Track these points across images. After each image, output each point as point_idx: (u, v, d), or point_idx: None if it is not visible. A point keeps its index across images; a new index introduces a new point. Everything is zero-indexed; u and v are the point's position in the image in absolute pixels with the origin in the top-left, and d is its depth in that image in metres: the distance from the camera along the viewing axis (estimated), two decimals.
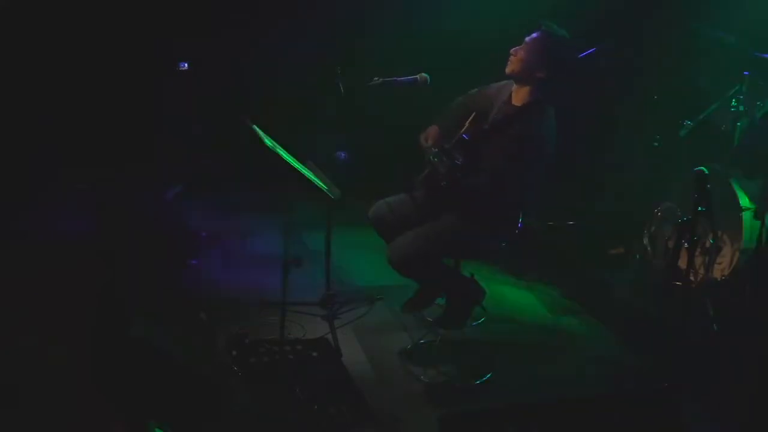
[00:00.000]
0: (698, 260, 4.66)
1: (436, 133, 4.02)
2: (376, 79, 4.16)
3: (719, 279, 4.75)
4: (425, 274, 3.95)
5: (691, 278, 4.49)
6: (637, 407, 2.19)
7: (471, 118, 3.93)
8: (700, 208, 3.68)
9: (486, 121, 3.92)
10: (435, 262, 3.93)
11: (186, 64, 6.28)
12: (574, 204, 6.03)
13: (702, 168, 3.68)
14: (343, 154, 6.16)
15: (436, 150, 3.75)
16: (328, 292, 4.47)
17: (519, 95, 3.89)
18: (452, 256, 4.11)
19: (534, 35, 3.84)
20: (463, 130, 3.87)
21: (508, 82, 3.98)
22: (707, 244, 4.63)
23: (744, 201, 4.69)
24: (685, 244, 3.86)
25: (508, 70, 3.87)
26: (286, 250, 3.60)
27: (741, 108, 4.70)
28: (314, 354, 4.06)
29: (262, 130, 3.61)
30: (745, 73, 4.70)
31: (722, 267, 4.80)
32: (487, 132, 3.84)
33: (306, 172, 3.67)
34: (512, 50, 3.86)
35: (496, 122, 3.86)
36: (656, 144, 5.50)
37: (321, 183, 3.74)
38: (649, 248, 5.07)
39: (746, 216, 4.65)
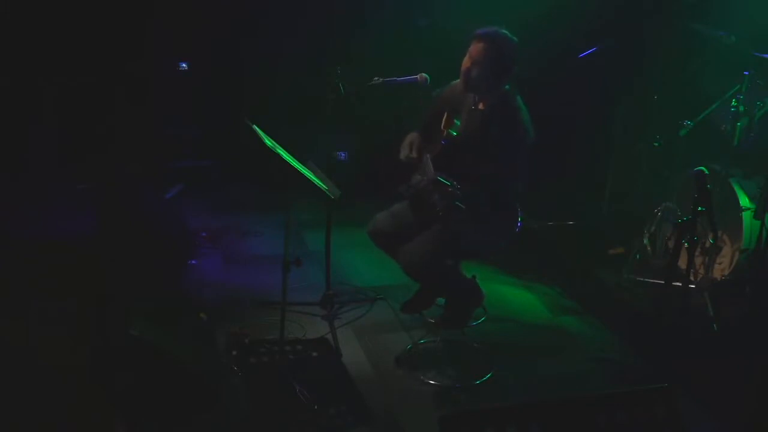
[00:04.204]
0: (698, 260, 4.66)
1: (418, 139, 4.02)
2: (376, 79, 4.16)
3: (719, 279, 4.76)
4: (436, 277, 3.96)
5: (691, 278, 4.49)
6: (637, 407, 2.18)
7: (445, 117, 3.95)
8: (700, 208, 3.69)
9: (458, 118, 3.95)
10: (445, 265, 3.95)
11: (186, 64, 6.29)
12: (574, 204, 6.04)
13: (702, 168, 3.69)
14: (343, 154, 6.19)
15: (432, 178, 3.73)
16: (328, 292, 4.47)
17: (484, 99, 3.90)
18: (457, 258, 4.12)
19: (481, 50, 3.78)
20: (444, 134, 3.90)
21: None
22: (707, 244, 4.63)
23: (744, 201, 4.69)
24: (685, 244, 3.86)
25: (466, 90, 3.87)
26: (287, 249, 3.61)
27: (741, 108, 4.70)
28: (314, 354, 4.06)
29: (262, 130, 3.61)
30: (745, 73, 4.70)
31: (722, 267, 4.80)
32: (468, 141, 3.85)
33: (306, 172, 3.67)
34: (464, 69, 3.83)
35: (472, 130, 3.87)
36: (656, 144, 5.50)
37: (321, 183, 3.74)
38: (649, 248, 5.07)
39: (746, 216, 4.65)
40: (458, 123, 3.92)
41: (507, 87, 3.87)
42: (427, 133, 4.03)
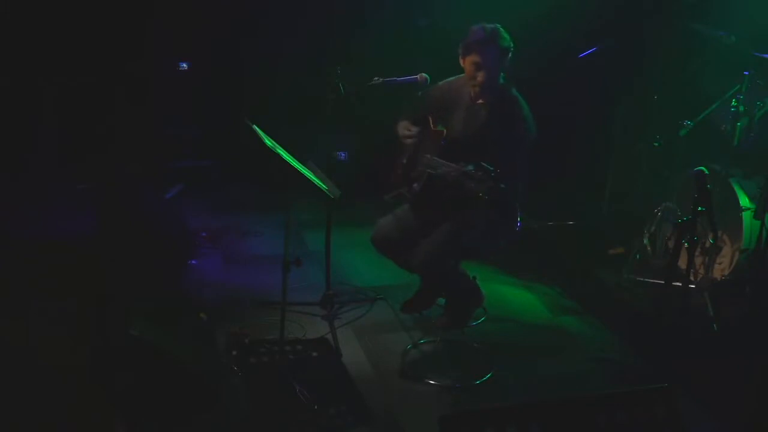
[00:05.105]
0: (698, 260, 4.66)
1: (410, 126, 4.03)
2: (376, 79, 4.16)
3: (719, 279, 4.76)
4: (437, 277, 3.96)
5: (691, 278, 4.49)
6: (637, 407, 2.18)
7: (432, 118, 3.94)
8: (700, 208, 3.69)
9: (448, 118, 3.94)
10: (453, 265, 3.96)
11: (186, 64, 6.29)
12: (574, 204, 6.04)
13: (702, 168, 3.69)
14: (343, 154, 6.19)
15: (469, 168, 3.69)
16: (328, 292, 4.48)
17: (484, 95, 3.90)
18: (458, 257, 4.12)
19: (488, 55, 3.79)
20: (443, 134, 3.90)
21: (459, 77, 3.98)
22: (707, 244, 4.63)
23: (744, 201, 4.69)
24: (685, 244, 3.86)
25: (476, 95, 3.88)
26: (287, 249, 3.61)
27: (741, 108, 4.70)
28: (314, 354, 4.06)
29: (262, 130, 3.61)
30: (745, 73, 4.70)
31: (722, 267, 4.80)
32: (468, 139, 3.84)
33: (306, 172, 3.67)
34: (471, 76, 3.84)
35: (473, 126, 3.87)
36: (656, 144, 5.50)
37: (321, 183, 3.74)
38: (649, 248, 5.07)
39: (746, 216, 4.65)
40: (441, 127, 3.92)
41: (502, 81, 3.87)
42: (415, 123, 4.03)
